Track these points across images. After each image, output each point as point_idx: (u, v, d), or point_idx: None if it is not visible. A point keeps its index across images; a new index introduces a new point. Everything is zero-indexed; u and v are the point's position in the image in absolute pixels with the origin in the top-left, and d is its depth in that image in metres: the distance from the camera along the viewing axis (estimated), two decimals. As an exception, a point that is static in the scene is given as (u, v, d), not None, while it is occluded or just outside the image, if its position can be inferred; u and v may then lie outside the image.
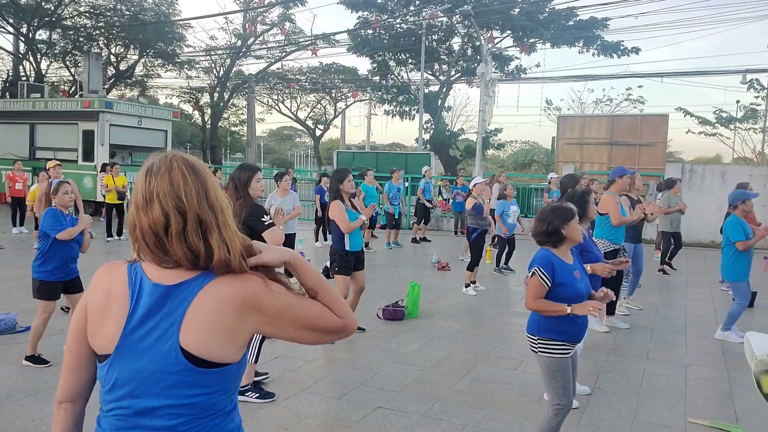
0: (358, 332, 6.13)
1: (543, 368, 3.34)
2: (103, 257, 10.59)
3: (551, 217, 3.35)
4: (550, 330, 3.28)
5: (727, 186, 13.87)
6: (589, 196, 4.46)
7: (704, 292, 9.05)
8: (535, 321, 3.36)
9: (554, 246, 3.36)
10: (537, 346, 3.33)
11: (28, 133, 18.50)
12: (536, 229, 3.41)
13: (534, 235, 3.43)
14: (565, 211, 3.38)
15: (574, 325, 3.30)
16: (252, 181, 4.44)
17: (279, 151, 65.29)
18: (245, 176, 4.42)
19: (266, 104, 41.00)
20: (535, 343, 3.34)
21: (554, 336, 3.27)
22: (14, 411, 4.09)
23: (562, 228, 3.32)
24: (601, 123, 17.26)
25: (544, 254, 3.36)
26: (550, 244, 3.37)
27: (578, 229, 3.40)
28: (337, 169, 6.09)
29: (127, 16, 26.03)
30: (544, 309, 3.27)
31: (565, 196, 4.69)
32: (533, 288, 3.29)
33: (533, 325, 3.37)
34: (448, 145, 26.22)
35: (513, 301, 8.15)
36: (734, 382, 5.08)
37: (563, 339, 3.28)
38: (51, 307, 5.09)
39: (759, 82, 26.07)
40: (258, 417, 4.11)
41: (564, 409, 3.28)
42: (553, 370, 3.27)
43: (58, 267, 5.03)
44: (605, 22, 24.00)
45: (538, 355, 3.35)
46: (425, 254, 12.11)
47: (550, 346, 3.28)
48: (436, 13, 25.30)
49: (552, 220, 3.34)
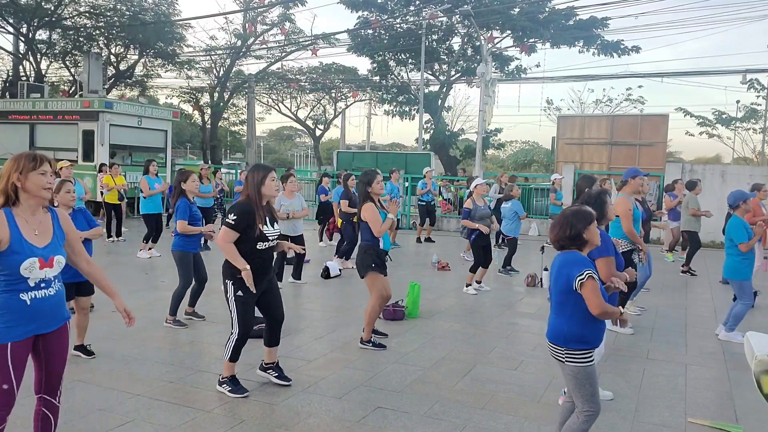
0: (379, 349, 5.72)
1: (570, 377, 3.26)
2: (103, 257, 10.59)
3: (573, 221, 3.28)
4: (579, 341, 3.21)
5: (727, 186, 13.86)
6: (606, 196, 4.42)
7: (704, 292, 9.05)
8: (562, 332, 3.25)
9: (579, 250, 3.30)
10: (564, 356, 3.25)
11: (28, 133, 18.50)
12: (558, 234, 3.32)
13: (556, 240, 3.35)
14: (585, 214, 3.32)
15: (598, 330, 3.28)
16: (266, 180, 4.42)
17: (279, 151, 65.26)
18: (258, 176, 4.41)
19: (266, 104, 41.02)
20: (561, 354, 3.26)
21: (582, 346, 3.21)
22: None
23: (583, 232, 3.27)
24: (601, 123, 17.25)
25: (578, 257, 3.26)
26: (574, 248, 3.30)
27: (597, 232, 3.35)
28: (365, 171, 5.90)
29: (127, 16, 26.01)
30: (610, 311, 3.20)
31: (580, 198, 4.65)
32: (595, 290, 3.14)
33: (560, 336, 3.26)
34: (448, 145, 26.22)
35: (513, 301, 8.15)
36: (734, 382, 5.08)
37: (590, 347, 3.22)
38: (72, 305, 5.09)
39: (759, 82, 26.09)
40: (258, 417, 4.11)
41: (594, 414, 3.24)
42: (582, 379, 3.22)
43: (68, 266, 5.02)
44: (605, 22, 24.01)
45: (564, 365, 3.27)
46: (425, 254, 12.11)
47: (578, 356, 3.21)
48: (436, 13, 25.29)
49: (574, 224, 3.27)
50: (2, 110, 19.19)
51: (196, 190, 6.41)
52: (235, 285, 4.34)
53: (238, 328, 4.38)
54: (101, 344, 5.59)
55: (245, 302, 4.37)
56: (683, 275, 10.44)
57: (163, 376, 4.84)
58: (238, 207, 4.35)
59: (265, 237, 4.38)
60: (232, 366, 4.49)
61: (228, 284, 4.38)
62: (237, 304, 4.36)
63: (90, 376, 4.75)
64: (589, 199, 4.40)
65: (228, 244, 4.28)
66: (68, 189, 5.08)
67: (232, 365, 4.48)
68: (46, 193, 2.94)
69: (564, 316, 3.26)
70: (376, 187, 5.71)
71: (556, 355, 3.31)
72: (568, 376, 3.29)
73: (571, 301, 3.21)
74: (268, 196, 4.46)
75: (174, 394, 4.46)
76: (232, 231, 4.28)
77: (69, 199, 5.07)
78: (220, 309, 6.83)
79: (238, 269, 4.27)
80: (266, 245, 4.42)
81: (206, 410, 4.18)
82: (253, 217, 4.31)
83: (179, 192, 6.36)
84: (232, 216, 4.28)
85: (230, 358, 4.45)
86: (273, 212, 4.60)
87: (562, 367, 3.31)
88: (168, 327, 6.24)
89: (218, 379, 4.56)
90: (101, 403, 4.22)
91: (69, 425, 3.86)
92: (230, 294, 4.38)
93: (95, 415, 4.04)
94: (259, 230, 4.32)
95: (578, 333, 3.21)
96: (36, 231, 2.93)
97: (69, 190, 5.08)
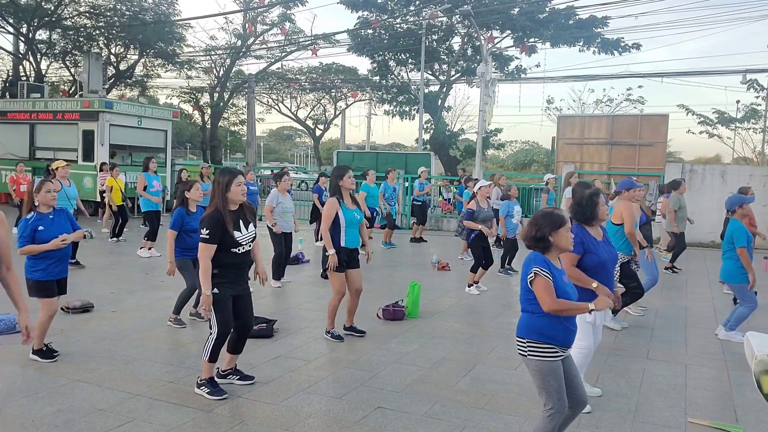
0: (358, 335, 6.12)
1: (534, 372, 3.29)
2: (104, 257, 10.60)
3: (541, 223, 3.31)
4: (541, 333, 3.24)
5: (727, 186, 13.88)
6: (598, 197, 4.44)
7: (704, 292, 9.05)
8: (526, 323, 3.31)
9: (543, 252, 3.32)
10: (526, 349, 3.28)
11: (28, 133, 18.50)
12: (526, 234, 3.37)
13: (524, 239, 3.41)
14: (554, 217, 3.32)
15: (564, 330, 3.28)
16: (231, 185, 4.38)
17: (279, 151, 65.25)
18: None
19: (266, 104, 41.04)
20: (524, 346, 3.29)
21: (545, 339, 3.23)
22: (14, 411, 4.09)
23: (549, 235, 3.28)
24: (601, 123, 17.23)
25: (533, 257, 3.31)
26: (538, 249, 3.33)
27: (567, 237, 3.32)
28: (338, 166, 6.10)
29: (127, 16, 26.00)
30: (566, 308, 3.21)
31: (574, 200, 4.67)
32: (545, 288, 3.19)
33: (523, 327, 3.32)
34: (448, 145, 26.21)
35: (513, 301, 8.15)
36: (734, 382, 5.08)
37: (553, 343, 3.24)
38: (53, 305, 5.09)
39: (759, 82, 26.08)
40: (258, 417, 4.11)
41: (558, 413, 3.24)
42: (545, 374, 3.23)
43: (53, 264, 5.03)
44: (605, 22, 24.00)
45: (527, 359, 3.29)
46: (425, 254, 12.11)
47: (539, 350, 3.24)
48: (436, 13, 25.28)
49: (541, 226, 3.30)
50: (2, 110, 19.20)
51: (200, 200, 6.39)
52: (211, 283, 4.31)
53: (217, 327, 4.35)
54: (101, 344, 5.59)
55: (222, 301, 4.33)
56: (674, 274, 10.52)
57: (163, 376, 4.84)
58: (207, 219, 4.30)
59: (237, 243, 4.35)
60: (211, 367, 4.44)
61: None
62: (214, 303, 4.31)
63: (90, 376, 4.75)
64: (581, 199, 4.42)
65: (205, 259, 4.25)
66: (48, 189, 5.06)
67: (210, 366, 4.43)
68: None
69: (527, 312, 3.34)
70: (347, 182, 5.83)
71: (520, 351, 3.34)
72: (532, 371, 3.31)
73: (533, 298, 3.28)
74: (235, 201, 4.39)
75: (174, 394, 4.46)
76: (208, 245, 4.25)
77: (49, 198, 5.05)
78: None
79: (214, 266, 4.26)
80: (240, 250, 4.39)
81: (206, 410, 4.18)
82: (224, 225, 4.27)
83: (181, 200, 6.31)
84: (205, 230, 4.25)
85: (209, 359, 4.40)
86: (247, 213, 4.51)
87: (527, 363, 3.33)
88: (169, 326, 6.25)
89: (197, 382, 4.50)
90: (101, 403, 4.22)
91: (69, 425, 3.86)
92: None
93: (95, 415, 4.04)
94: (231, 236, 4.30)
95: (538, 325, 3.25)
96: None
97: (49, 190, 5.06)
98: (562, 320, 3.26)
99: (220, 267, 4.31)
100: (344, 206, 5.80)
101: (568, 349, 3.38)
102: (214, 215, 4.30)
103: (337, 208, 5.77)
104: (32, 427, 3.85)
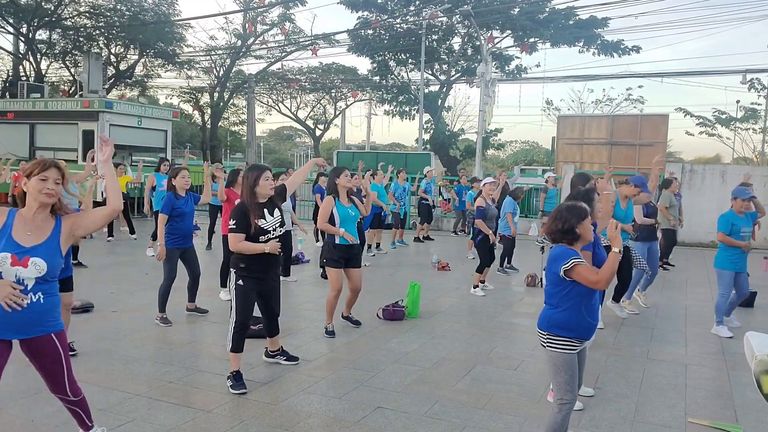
0: (354, 326, 6.34)
1: (549, 363, 3.41)
2: (105, 257, 10.60)
3: (567, 216, 3.37)
4: (561, 327, 3.35)
5: (727, 186, 13.86)
6: (593, 194, 4.44)
7: (704, 292, 9.05)
8: (547, 317, 3.41)
9: (570, 244, 3.38)
10: (546, 340, 3.40)
11: (28, 133, 18.50)
12: (551, 227, 3.42)
13: (549, 233, 3.45)
14: (579, 209, 3.40)
15: (586, 325, 3.37)
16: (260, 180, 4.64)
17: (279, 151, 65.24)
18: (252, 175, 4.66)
19: (266, 104, 41.03)
20: (544, 338, 3.41)
21: (564, 333, 3.34)
22: (14, 411, 4.09)
23: (576, 227, 3.35)
24: (601, 123, 17.24)
25: (564, 251, 3.34)
26: (565, 242, 3.38)
27: (590, 228, 3.43)
28: (335, 167, 6.32)
29: (127, 16, 26.02)
30: (611, 272, 3.24)
31: (569, 195, 4.69)
32: (587, 271, 3.24)
33: (545, 321, 3.43)
34: (448, 145, 26.22)
35: (513, 300, 8.15)
36: (734, 382, 5.08)
37: (571, 336, 3.34)
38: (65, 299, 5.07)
39: (759, 82, 26.09)
40: (258, 417, 4.11)
41: (568, 404, 3.35)
42: (559, 365, 3.35)
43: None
44: (605, 22, 24.01)
45: (546, 350, 3.42)
46: (425, 254, 12.11)
47: (558, 341, 3.35)
48: (436, 13, 25.29)
49: (568, 219, 3.36)
50: (2, 110, 19.19)
51: (186, 186, 6.43)
52: (237, 274, 4.60)
53: (236, 316, 4.60)
54: (101, 344, 5.59)
55: (245, 292, 4.60)
56: (665, 270, 10.61)
57: (163, 376, 4.84)
58: (234, 211, 4.62)
59: (264, 230, 4.57)
60: (236, 358, 4.62)
61: (231, 272, 4.66)
62: (237, 292, 4.60)
63: (90, 376, 4.75)
64: (577, 195, 4.43)
65: (238, 244, 4.53)
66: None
67: (235, 357, 4.62)
68: (44, 198, 3.00)
69: (551, 304, 3.43)
70: (343, 180, 6.04)
71: (541, 341, 3.46)
72: (547, 361, 3.44)
73: (558, 292, 3.36)
74: (264, 195, 4.64)
75: (174, 394, 4.47)
76: (235, 234, 4.55)
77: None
78: (222, 309, 6.83)
79: (242, 259, 4.56)
80: (267, 237, 4.60)
81: (206, 410, 4.18)
82: (248, 216, 4.55)
83: (169, 187, 6.41)
84: (232, 221, 4.58)
85: (232, 349, 4.60)
86: (275, 202, 4.75)
87: (545, 353, 3.45)
88: (166, 327, 6.24)
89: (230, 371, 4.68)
90: (101, 403, 4.22)
91: (69, 425, 3.85)
92: (232, 282, 4.65)
93: (95, 415, 4.03)
94: (256, 225, 4.54)
95: (561, 319, 3.35)
96: (28, 231, 2.97)
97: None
98: (585, 315, 3.35)
99: (247, 260, 4.56)
100: (339, 203, 6.03)
101: (586, 341, 3.47)
102: (241, 208, 4.60)
103: (333, 205, 6.00)
104: (32, 427, 3.86)
